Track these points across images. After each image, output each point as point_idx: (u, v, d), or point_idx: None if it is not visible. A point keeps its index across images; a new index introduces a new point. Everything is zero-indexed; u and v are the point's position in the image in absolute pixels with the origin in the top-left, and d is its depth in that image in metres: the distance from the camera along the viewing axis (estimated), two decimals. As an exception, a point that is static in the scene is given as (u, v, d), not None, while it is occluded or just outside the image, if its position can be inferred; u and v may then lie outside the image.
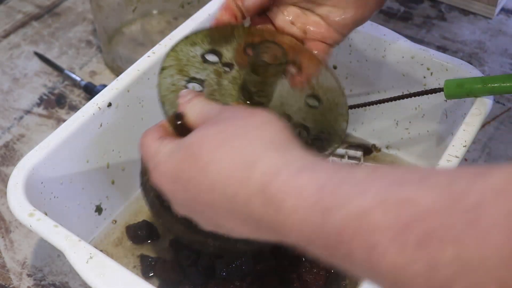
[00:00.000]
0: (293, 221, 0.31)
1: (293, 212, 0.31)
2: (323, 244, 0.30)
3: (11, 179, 0.52)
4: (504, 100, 0.80)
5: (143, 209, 0.67)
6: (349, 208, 0.28)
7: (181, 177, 0.37)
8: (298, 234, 0.31)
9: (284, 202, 0.32)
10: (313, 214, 0.30)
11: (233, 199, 0.34)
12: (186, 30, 0.66)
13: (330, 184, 0.30)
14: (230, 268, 0.57)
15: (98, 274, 0.45)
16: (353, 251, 0.28)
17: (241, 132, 0.36)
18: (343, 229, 0.28)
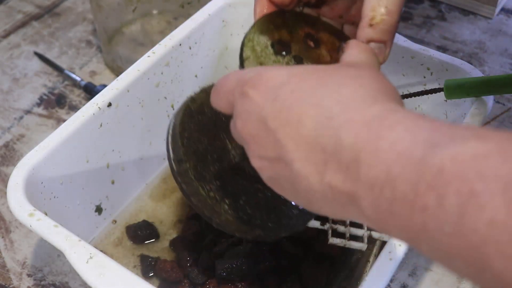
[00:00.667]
0: (388, 153, 0.28)
1: (395, 142, 0.28)
2: (412, 184, 0.26)
3: (11, 179, 0.52)
4: (504, 100, 0.80)
5: (143, 209, 0.67)
6: (461, 148, 0.25)
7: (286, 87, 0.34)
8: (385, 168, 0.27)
9: (390, 133, 0.28)
10: (418, 148, 0.26)
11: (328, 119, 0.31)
12: (186, 30, 0.66)
13: (447, 127, 0.27)
14: (230, 268, 0.57)
15: (98, 274, 0.45)
16: (445, 197, 0.24)
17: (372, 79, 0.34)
18: (447, 167, 0.25)
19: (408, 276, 0.62)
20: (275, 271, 0.59)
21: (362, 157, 0.29)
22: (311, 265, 0.60)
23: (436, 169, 0.25)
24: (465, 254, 0.24)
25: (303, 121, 0.32)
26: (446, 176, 0.25)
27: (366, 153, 0.29)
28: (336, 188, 0.31)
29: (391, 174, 0.27)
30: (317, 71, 0.35)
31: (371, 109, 0.31)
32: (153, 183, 0.70)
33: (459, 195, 0.24)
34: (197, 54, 0.69)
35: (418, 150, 0.26)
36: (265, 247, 0.60)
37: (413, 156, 0.27)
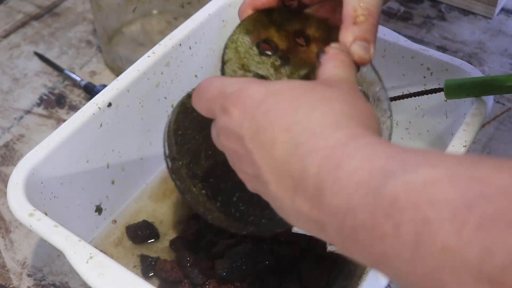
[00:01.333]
0: (348, 182, 0.29)
1: (354, 172, 0.29)
2: (370, 213, 0.27)
3: (11, 179, 0.52)
4: (504, 100, 0.80)
5: (143, 209, 0.67)
6: (415, 176, 0.26)
7: (262, 106, 0.35)
8: (346, 197, 0.28)
9: (349, 162, 0.29)
10: (374, 178, 0.27)
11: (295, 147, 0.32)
12: (186, 30, 0.66)
13: (402, 154, 0.28)
14: (230, 268, 0.57)
15: (98, 274, 0.45)
16: (401, 226, 0.25)
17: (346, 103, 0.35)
18: (401, 195, 0.26)
19: (408, 276, 0.62)
20: (275, 271, 0.59)
21: (324, 186, 0.30)
22: (311, 265, 0.60)
23: (391, 198, 0.26)
24: (423, 280, 0.25)
25: (275, 145, 0.34)
26: (400, 204, 0.26)
27: (328, 183, 0.30)
28: (304, 214, 0.32)
29: (351, 203, 0.28)
30: (293, 89, 0.36)
31: (335, 135, 0.32)
32: (153, 183, 0.70)
33: (413, 223, 0.25)
34: (197, 54, 0.69)
35: (374, 180, 0.27)
36: (265, 247, 0.60)
37: (370, 185, 0.28)
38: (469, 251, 0.23)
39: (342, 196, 0.29)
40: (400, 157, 0.28)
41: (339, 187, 0.29)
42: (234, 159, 0.38)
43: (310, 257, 0.61)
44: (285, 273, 0.59)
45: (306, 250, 0.61)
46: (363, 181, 0.28)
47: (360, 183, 0.28)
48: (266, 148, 0.34)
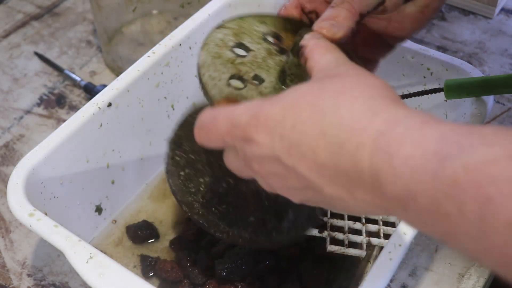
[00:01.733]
0: (403, 170, 0.29)
1: (407, 159, 0.29)
2: (431, 197, 0.28)
3: (11, 179, 0.52)
4: (504, 100, 0.80)
5: (143, 209, 0.67)
6: (471, 157, 0.27)
7: (286, 123, 0.35)
8: (404, 184, 0.29)
9: (400, 149, 0.30)
10: (429, 161, 0.28)
11: (340, 147, 0.33)
12: (186, 30, 0.66)
13: (453, 135, 0.29)
14: (230, 268, 0.57)
15: (98, 274, 0.45)
16: (464, 205, 0.26)
17: (361, 85, 0.35)
18: (459, 178, 0.26)
19: (408, 276, 0.62)
20: (275, 271, 0.59)
21: (381, 176, 0.31)
22: (311, 265, 0.60)
23: (451, 180, 0.27)
24: (492, 254, 0.26)
25: (317, 153, 0.34)
26: (461, 185, 0.27)
27: (384, 173, 0.31)
28: (370, 204, 0.33)
29: (410, 189, 0.29)
30: (306, 96, 0.36)
31: (373, 125, 0.32)
32: (153, 183, 0.70)
33: (476, 202, 0.26)
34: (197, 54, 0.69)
35: (431, 164, 0.28)
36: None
37: (427, 170, 0.28)
38: None
39: (400, 184, 0.30)
40: (451, 138, 0.29)
41: (395, 176, 0.30)
42: (274, 181, 0.38)
43: (310, 257, 0.60)
44: (285, 273, 0.59)
45: (306, 250, 0.61)
46: (419, 167, 0.29)
47: (416, 170, 0.29)
48: (308, 159, 0.34)
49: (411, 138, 0.30)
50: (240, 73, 0.46)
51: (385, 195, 0.31)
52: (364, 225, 0.59)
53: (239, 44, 0.48)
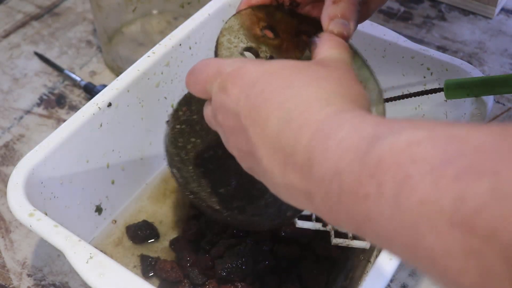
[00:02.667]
0: (335, 150, 0.30)
1: (342, 140, 0.30)
2: (355, 176, 0.28)
3: (11, 179, 0.52)
4: (504, 100, 0.80)
5: (143, 209, 0.67)
6: (398, 138, 0.27)
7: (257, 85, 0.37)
8: (333, 164, 0.30)
9: (338, 132, 0.31)
10: (361, 143, 0.29)
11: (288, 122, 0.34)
12: (186, 30, 0.66)
13: (389, 122, 0.30)
14: (230, 268, 0.57)
15: (98, 274, 0.45)
16: (383, 184, 0.27)
17: (338, 83, 0.36)
18: (384, 158, 0.27)
19: (408, 276, 0.62)
20: (275, 271, 0.59)
21: (314, 156, 0.32)
22: (311, 265, 0.60)
23: (376, 160, 0.27)
24: (402, 234, 0.26)
25: (268, 122, 0.35)
26: (384, 164, 0.27)
27: (317, 153, 0.32)
28: (294, 186, 0.34)
29: (338, 169, 0.30)
30: (288, 68, 0.37)
31: (325, 110, 0.33)
32: (153, 183, 0.70)
33: (395, 180, 0.26)
34: (197, 54, 0.69)
35: (362, 145, 0.29)
36: (265, 247, 0.60)
37: (358, 151, 0.29)
38: (444, 200, 0.24)
39: (330, 163, 0.30)
40: (387, 124, 0.30)
41: (328, 155, 0.31)
42: (229, 136, 0.40)
43: (310, 257, 0.61)
44: (285, 273, 0.59)
45: (306, 250, 0.61)
46: (351, 147, 0.30)
47: (348, 149, 0.30)
48: (260, 125, 0.36)
49: (351, 123, 0.31)
50: (258, 49, 0.47)
51: (312, 175, 0.32)
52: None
53: (271, 28, 0.48)
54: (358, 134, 0.30)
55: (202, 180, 0.53)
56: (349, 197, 0.29)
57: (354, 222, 0.29)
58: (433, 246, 0.24)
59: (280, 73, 0.37)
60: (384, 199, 0.27)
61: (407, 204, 0.25)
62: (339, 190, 0.30)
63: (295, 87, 0.36)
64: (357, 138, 0.30)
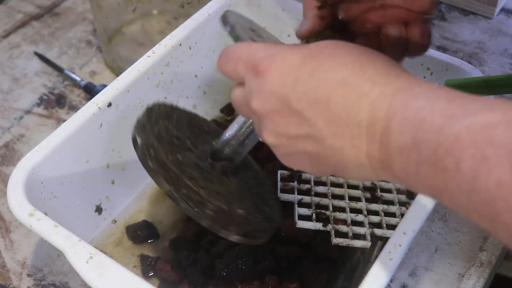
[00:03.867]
0: (413, 120, 0.32)
1: (418, 111, 0.31)
2: (433, 149, 0.30)
3: (11, 179, 0.52)
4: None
5: (143, 209, 0.67)
6: (475, 119, 0.29)
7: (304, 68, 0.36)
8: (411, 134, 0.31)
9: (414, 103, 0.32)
10: (437, 117, 0.30)
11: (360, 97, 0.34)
12: (186, 30, 0.66)
13: (462, 99, 0.31)
14: (230, 268, 0.57)
15: (98, 274, 0.45)
16: (461, 162, 0.28)
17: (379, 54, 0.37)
18: (461, 136, 0.29)
19: (408, 276, 0.62)
20: (275, 271, 0.59)
21: (392, 126, 0.33)
22: (311, 266, 0.60)
23: (453, 137, 0.29)
24: (479, 209, 0.28)
25: (333, 100, 0.35)
26: (462, 143, 0.29)
27: (395, 123, 0.33)
28: (373, 157, 0.35)
29: (416, 140, 0.31)
30: (327, 49, 0.37)
31: (397, 82, 0.34)
32: (153, 183, 0.69)
33: (473, 160, 0.28)
34: (197, 54, 0.69)
35: (438, 119, 0.30)
36: (265, 247, 0.60)
37: (433, 124, 0.30)
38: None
39: (408, 133, 0.32)
40: (459, 101, 0.31)
41: (405, 125, 0.32)
42: (270, 122, 0.38)
43: (310, 257, 0.60)
44: (285, 273, 0.59)
45: (306, 250, 0.61)
46: (427, 119, 0.31)
47: (424, 121, 0.31)
48: (321, 105, 0.35)
49: (426, 95, 0.32)
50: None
51: (391, 145, 0.33)
52: (366, 217, 0.59)
53: None
54: (432, 107, 0.31)
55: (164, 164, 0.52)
56: (428, 168, 0.31)
57: (432, 190, 0.32)
58: (510, 222, 0.27)
59: (324, 54, 0.37)
60: (462, 175, 0.28)
61: (484, 184, 0.27)
62: (418, 160, 0.31)
63: (351, 65, 0.36)
64: (431, 111, 0.31)
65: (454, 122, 0.29)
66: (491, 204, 0.27)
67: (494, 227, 0.28)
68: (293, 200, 0.60)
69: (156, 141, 0.53)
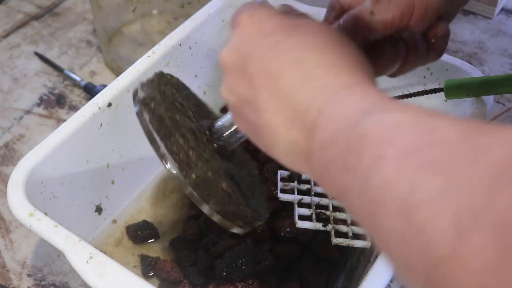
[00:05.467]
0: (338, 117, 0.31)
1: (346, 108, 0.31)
2: (345, 145, 0.29)
3: (11, 179, 0.52)
4: (504, 100, 0.80)
5: (143, 209, 0.67)
6: (385, 118, 0.28)
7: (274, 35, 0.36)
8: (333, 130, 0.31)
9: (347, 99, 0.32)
10: (358, 114, 0.30)
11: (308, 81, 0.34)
12: (186, 30, 0.66)
13: (390, 102, 0.30)
14: (230, 268, 0.57)
15: (98, 274, 0.45)
16: (362, 157, 0.28)
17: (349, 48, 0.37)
18: (368, 133, 0.28)
19: (408, 276, 0.61)
20: (275, 271, 0.59)
21: (320, 119, 0.32)
22: (311, 265, 0.60)
23: (362, 134, 0.28)
24: (365, 209, 0.27)
25: (283, 76, 0.35)
26: (367, 139, 0.28)
27: (323, 116, 0.32)
28: (298, 146, 0.34)
29: (334, 136, 0.31)
30: (302, 28, 0.37)
31: (347, 77, 0.34)
32: (153, 183, 0.70)
33: (371, 157, 0.27)
34: (197, 54, 0.69)
35: (358, 117, 0.30)
36: (265, 247, 0.60)
37: (352, 121, 0.30)
38: (400, 187, 0.25)
39: (330, 129, 0.31)
40: (383, 102, 0.30)
41: (331, 120, 0.32)
42: (228, 76, 0.39)
43: (310, 257, 0.60)
44: (285, 273, 0.59)
45: (306, 250, 0.61)
46: (349, 116, 0.30)
47: (346, 118, 0.30)
48: (271, 77, 0.35)
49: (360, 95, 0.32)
50: None
51: (315, 138, 0.32)
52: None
53: None
54: (359, 106, 0.31)
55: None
56: (335, 166, 0.30)
57: (336, 189, 0.31)
58: (383, 227, 0.26)
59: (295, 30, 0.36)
60: (359, 173, 0.28)
61: (372, 182, 0.26)
62: (330, 157, 0.30)
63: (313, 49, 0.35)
64: (356, 109, 0.30)
65: (367, 120, 0.29)
66: (374, 206, 0.26)
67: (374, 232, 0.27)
68: (293, 200, 0.60)
69: (159, 95, 0.51)
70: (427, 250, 0.23)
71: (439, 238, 0.22)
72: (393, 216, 0.25)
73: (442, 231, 0.22)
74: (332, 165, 0.30)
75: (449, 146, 0.25)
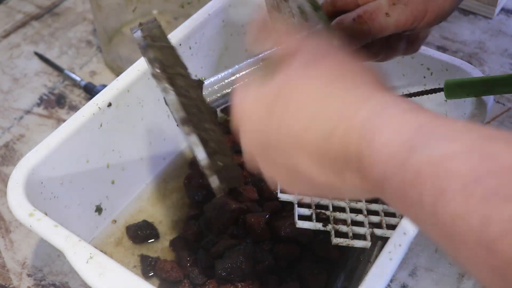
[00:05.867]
0: (381, 155, 0.32)
1: (385, 145, 0.32)
2: (399, 184, 0.30)
3: (11, 179, 0.52)
4: (504, 100, 0.80)
5: (143, 209, 0.67)
6: (434, 150, 0.29)
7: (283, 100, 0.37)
8: (381, 168, 0.32)
9: (381, 136, 0.32)
10: (402, 150, 0.31)
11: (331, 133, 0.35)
12: (186, 30, 0.66)
13: (429, 126, 0.31)
14: (230, 268, 0.57)
15: (98, 274, 0.45)
16: (423, 194, 0.28)
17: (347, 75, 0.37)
18: (422, 169, 0.29)
19: (408, 276, 0.62)
20: (275, 271, 0.59)
21: (364, 160, 0.33)
22: (311, 265, 0.60)
23: (415, 171, 0.29)
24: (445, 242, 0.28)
25: (309, 136, 0.36)
26: (423, 176, 0.29)
27: (366, 157, 0.33)
28: (358, 186, 0.35)
29: (385, 174, 0.31)
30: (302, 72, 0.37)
31: (363, 112, 0.34)
32: (153, 183, 0.70)
33: (432, 193, 0.28)
34: (197, 54, 0.69)
35: (402, 153, 0.30)
36: (265, 247, 0.60)
37: (398, 159, 0.31)
38: (472, 220, 0.25)
39: (378, 168, 0.32)
40: (426, 129, 0.31)
41: (374, 160, 0.32)
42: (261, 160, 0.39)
43: (310, 257, 0.60)
44: (285, 273, 0.59)
45: (306, 250, 0.61)
46: (393, 153, 0.31)
47: (391, 156, 0.31)
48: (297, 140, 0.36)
49: (391, 126, 0.32)
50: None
51: (367, 177, 0.33)
52: (366, 217, 0.59)
53: None
54: (399, 139, 0.31)
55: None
56: (399, 202, 0.31)
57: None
58: (467, 258, 0.27)
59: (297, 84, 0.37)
60: (425, 209, 0.28)
61: (442, 218, 0.27)
62: (391, 193, 0.32)
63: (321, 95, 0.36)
64: (398, 144, 0.31)
65: (416, 155, 0.29)
66: (450, 237, 0.27)
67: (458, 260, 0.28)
68: (293, 200, 0.60)
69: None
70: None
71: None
72: (474, 249, 0.26)
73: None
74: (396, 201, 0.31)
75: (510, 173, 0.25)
